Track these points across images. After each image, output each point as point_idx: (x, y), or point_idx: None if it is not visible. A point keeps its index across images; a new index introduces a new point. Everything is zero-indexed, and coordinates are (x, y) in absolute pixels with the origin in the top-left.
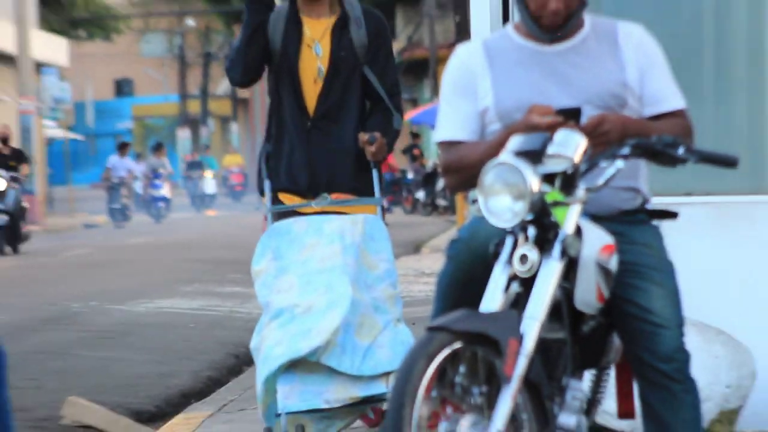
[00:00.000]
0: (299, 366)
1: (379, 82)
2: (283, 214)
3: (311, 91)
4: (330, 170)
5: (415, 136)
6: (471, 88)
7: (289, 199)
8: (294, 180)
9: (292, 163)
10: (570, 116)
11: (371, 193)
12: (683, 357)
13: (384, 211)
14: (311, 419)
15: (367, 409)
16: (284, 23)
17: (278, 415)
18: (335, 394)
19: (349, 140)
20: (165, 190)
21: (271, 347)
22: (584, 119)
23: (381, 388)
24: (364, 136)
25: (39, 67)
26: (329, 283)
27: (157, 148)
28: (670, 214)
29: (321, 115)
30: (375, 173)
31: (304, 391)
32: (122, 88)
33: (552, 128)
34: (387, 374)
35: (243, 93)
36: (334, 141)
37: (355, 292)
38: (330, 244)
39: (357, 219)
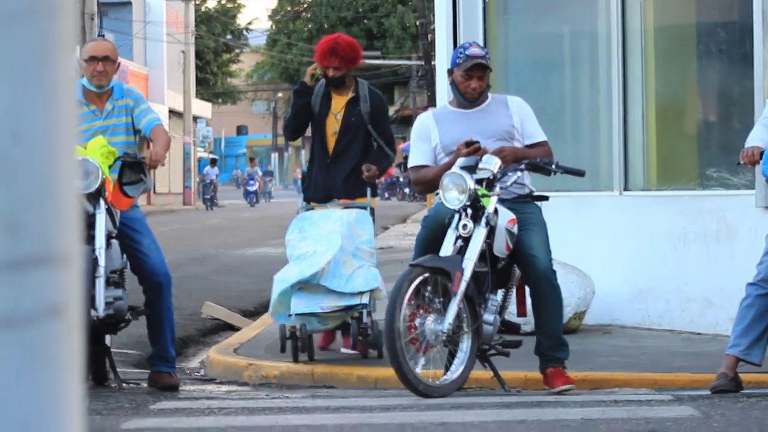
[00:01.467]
0: (306, 287)
1: (380, 136)
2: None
3: (331, 140)
4: (338, 186)
5: (405, 157)
6: (427, 135)
7: (314, 203)
8: (319, 193)
9: (317, 182)
10: (473, 143)
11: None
12: (551, 274)
13: (372, 209)
14: (313, 319)
15: (348, 316)
16: (321, 97)
17: (290, 316)
18: (327, 303)
19: (349, 169)
20: (255, 187)
21: (289, 271)
22: (489, 149)
23: (356, 301)
24: (364, 167)
25: (195, 118)
26: (328, 239)
27: (251, 161)
28: (544, 198)
29: (335, 155)
30: (369, 189)
31: (308, 302)
32: (241, 130)
33: (476, 151)
34: (360, 293)
35: (308, 133)
36: (342, 170)
37: (344, 242)
38: (333, 223)
39: (352, 211)
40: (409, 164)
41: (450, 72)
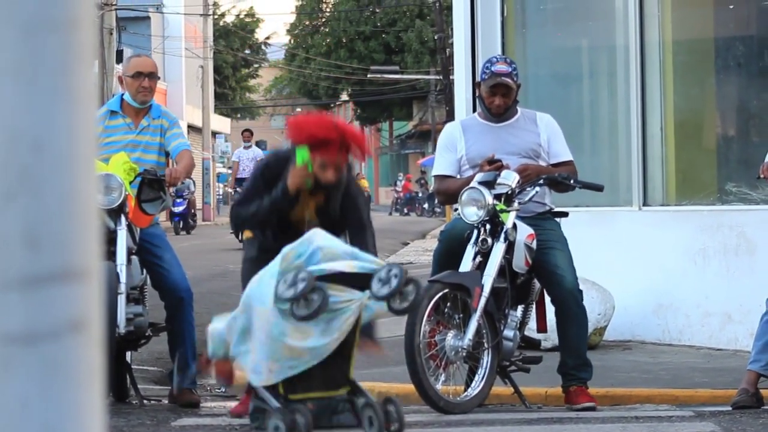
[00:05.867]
0: None
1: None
2: None
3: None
4: None
5: (423, 172)
6: (453, 145)
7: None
8: None
9: None
10: (496, 161)
11: None
12: (578, 293)
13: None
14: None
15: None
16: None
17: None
18: None
19: None
20: (183, 207)
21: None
22: (513, 166)
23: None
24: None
25: (214, 134)
26: None
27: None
28: (564, 214)
29: None
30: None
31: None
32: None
33: (498, 169)
34: None
35: None
36: None
37: None
38: None
39: None
40: (434, 172)
41: (478, 85)
